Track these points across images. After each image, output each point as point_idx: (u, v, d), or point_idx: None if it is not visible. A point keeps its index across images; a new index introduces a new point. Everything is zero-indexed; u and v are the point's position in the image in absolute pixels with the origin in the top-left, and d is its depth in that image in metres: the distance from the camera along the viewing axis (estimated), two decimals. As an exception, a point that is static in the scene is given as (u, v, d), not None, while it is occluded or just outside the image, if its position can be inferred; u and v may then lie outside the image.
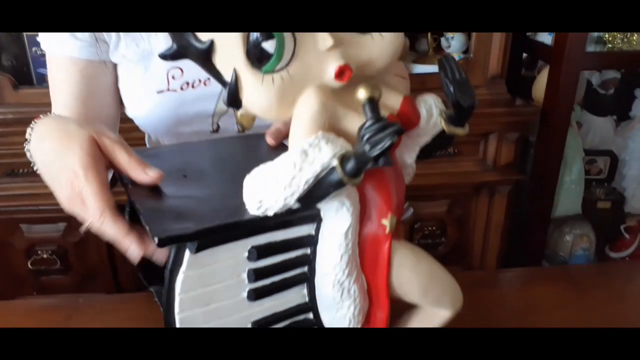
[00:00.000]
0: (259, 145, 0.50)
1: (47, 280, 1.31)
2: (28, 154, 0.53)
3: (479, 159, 1.36)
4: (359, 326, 0.43)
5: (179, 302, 0.37)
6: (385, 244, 0.41)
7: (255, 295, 0.39)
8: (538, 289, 0.76)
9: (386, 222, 0.40)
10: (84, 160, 0.41)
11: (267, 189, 0.35)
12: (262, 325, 0.41)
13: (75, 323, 0.69)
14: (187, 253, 0.36)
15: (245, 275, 0.39)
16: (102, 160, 0.43)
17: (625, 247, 1.58)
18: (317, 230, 0.40)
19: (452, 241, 1.40)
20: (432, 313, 0.46)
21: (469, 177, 1.35)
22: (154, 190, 0.41)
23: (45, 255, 1.29)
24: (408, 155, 0.46)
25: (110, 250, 1.30)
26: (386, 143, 0.32)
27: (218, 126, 0.68)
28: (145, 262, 0.50)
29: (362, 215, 0.40)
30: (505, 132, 1.33)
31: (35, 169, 0.52)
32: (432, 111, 0.41)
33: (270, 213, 0.36)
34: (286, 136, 0.51)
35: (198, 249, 0.36)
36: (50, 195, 1.42)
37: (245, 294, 0.39)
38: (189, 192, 0.41)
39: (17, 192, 1.23)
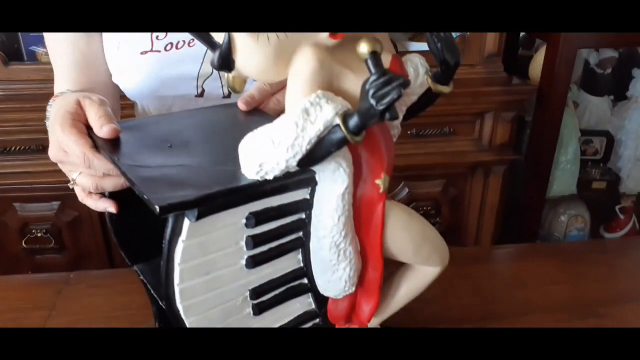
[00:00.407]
0: (239, 114, 0.50)
1: (42, 259, 1.31)
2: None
3: (475, 139, 1.35)
4: (354, 287, 0.43)
5: (178, 272, 0.36)
6: (380, 203, 0.41)
7: (254, 262, 0.39)
8: (531, 265, 0.76)
9: (380, 182, 0.40)
10: (64, 117, 0.46)
11: (267, 152, 0.35)
12: (260, 293, 0.41)
13: (65, 297, 0.69)
14: (186, 222, 0.35)
15: (243, 243, 0.38)
16: (81, 117, 0.47)
17: (619, 227, 1.58)
18: (312, 194, 0.40)
19: (446, 221, 1.40)
20: (423, 271, 0.47)
21: (464, 157, 1.35)
22: (142, 161, 0.41)
23: (39, 234, 1.28)
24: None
25: (104, 229, 1.30)
26: (393, 96, 0.31)
27: (203, 90, 0.67)
28: (128, 240, 0.50)
29: (356, 177, 0.40)
30: (501, 112, 1.32)
31: None
32: (418, 70, 0.41)
33: (270, 176, 0.36)
34: (259, 103, 0.51)
35: (198, 217, 0.35)
36: (43, 173, 1.40)
37: (243, 262, 0.39)
38: (178, 161, 0.40)
39: (10, 170, 1.23)
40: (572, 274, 0.74)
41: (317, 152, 0.35)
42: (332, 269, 0.42)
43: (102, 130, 0.44)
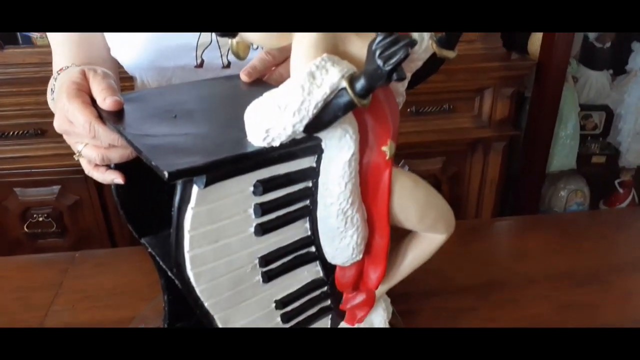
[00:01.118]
0: (242, 85, 0.50)
1: (44, 244, 1.31)
2: (52, 105, 0.56)
3: (474, 115, 1.35)
4: (361, 255, 0.43)
5: (188, 239, 0.36)
6: (386, 170, 0.41)
7: (262, 230, 0.39)
8: (532, 235, 0.77)
9: (386, 148, 0.40)
10: (69, 88, 0.46)
11: (273, 117, 0.34)
12: (269, 261, 0.41)
13: (71, 276, 0.70)
14: (195, 189, 0.35)
15: (251, 211, 0.38)
16: (86, 88, 0.47)
17: (619, 201, 1.59)
18: (319, 161, 0.40)
19: (446, 198, 1.39)
20: (429, 238, 0.47)
21: (463, 134, 1.34)
22: (148, 131, 0.41)
23: (40, 219, 1.29)
24: (401, 82, 0.45)
25: (105, 212, 1.30)
26: (401, 56, 0.31)
27: (202, 60, 0.67)
28: (135, 213, 0.50)
29: (362, 144, 0.40)
30: (500, 88, 1.31)
31: None
32: (423, 35, 0.41)
33: (277, 143, 0.36)
34: (262, 74, 0.51)
35: (207, 184, 0.35)
36: (42, 157, 1.40)
37: (252, 230, 0.39)
38: (184, 130, 0.40)
39: (9, 155, 1.22)
40: (573, 243, 0.75)
41: (324, 117, 0.34)
42: (340, 237, 0.42)
43: (106, 102, 0.44)
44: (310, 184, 0.41)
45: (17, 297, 0.66)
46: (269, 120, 0.35)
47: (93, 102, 0.46)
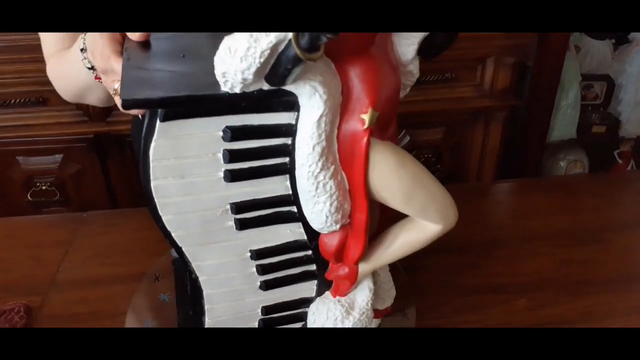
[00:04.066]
0: None
1: (48, 212, 1.32)
2: (86, 61, 0.56)
3: (476, 85, 1.35)
4: (337, 226, 0.42)
5: (152, 169, 0.38)
6: (363, 139, 0.39)
7: (232, 176, 0.40)
8: (533, 197, 0.78)
9: (365, 116, 0.39)
10: (102, 33, 0.46)
11: (226, 61, 0.34)
12: (242, 209, 0.42)
13: (81, 234, 0.71)
14: (157, 121, 0.37)
15: (220, 155, 0.39)
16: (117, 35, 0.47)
17: (617, 172, 1.60)
18: (297, 119, 0.39)
19: (447, 168, 1.41)
20: (421, 225, 0.44)
21: (465, 103, 1.34)
22: (146, 65, 0.42)
23: (44, 187, 1.29)
24: (405, 49, 0.44)
25: (108, 181, 1.31)
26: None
27: None
28: None
29: (345, 108, 0.39)
30: (502, 57, 1.31)
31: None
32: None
33: (237, 89, 0.36)
34: None
35: (165, 118, 0.37)
36: (44, 126, 1.39)
37: (221, 174, 0.40)
38: (175, 68, 0.41)
39: (11, 123, 1.22)
40: (573, 204, 0.76)
41: (278, 69, 0.34)
42: (313, 201, 0.41)
43: (135, 34, 0.44)
44: (289, 141, 0.40)
45: (29, 255, 0.67)
46: (223, 64, 0.35)
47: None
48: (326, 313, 0.48)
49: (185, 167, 0.39)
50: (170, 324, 0.54)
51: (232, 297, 0.47)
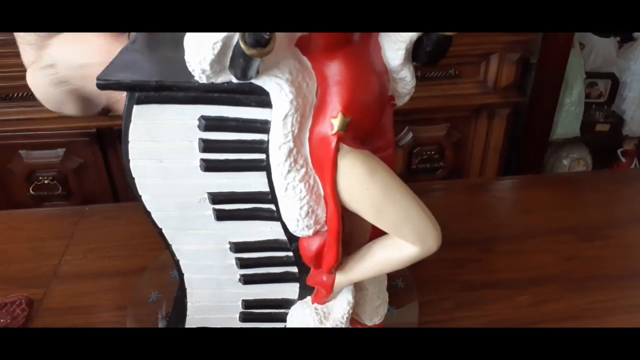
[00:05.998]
0: None
1: (50, 206, 1.32)
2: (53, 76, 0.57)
3: (480, 81, 1.34)
4: (310, 231, 0.41)
5: (130, 149, 0.39)
6: (330, 145, 0.37)
7: (206, 166, 0.40)
8: (536, 193, 0.78)
9: (335, 121, 0.37)
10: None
11: (187, 52, 0.35)
12: (219, 200, 0.42)
13: (82, 227, 0.71)
14: (134, 104, 0.39)
15: (196, 144, 0.40)
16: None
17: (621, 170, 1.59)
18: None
19: (450, 165, 1.41)
20: (399, 244, 0.41)
21: (468, 100, 1.34)
22: (142, 51, 0.42)
23: (46, 181, 1.29)
24: (392, 53, 0.41)
25: (110, 175, 1.31)
26: None
27: None
28: None
29: (319, 110, 0.37)
30: (506, 53, 1.30)
31: None
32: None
33: (204, 79, 0.36)
34: None
35: (139, 101, 0.38)
36: (47, 120, 1.40)
37: (197, 163, 0.40)
38: (168, 54, 0.42)
39: (14, 117, 1.22)
40: (577, 200, 0.76)
41: (234, 62, 0.34)
42: (284, 202, 0.40)
43: None
44: (266, 138, 0.39)
45: (30, 247, 0.67)
46: (187, 54, 0.35)
47: None
48: (301, 318, 0.47)
49: (162, 152, 0.40)
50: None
51: (211, 285, 0.47)
